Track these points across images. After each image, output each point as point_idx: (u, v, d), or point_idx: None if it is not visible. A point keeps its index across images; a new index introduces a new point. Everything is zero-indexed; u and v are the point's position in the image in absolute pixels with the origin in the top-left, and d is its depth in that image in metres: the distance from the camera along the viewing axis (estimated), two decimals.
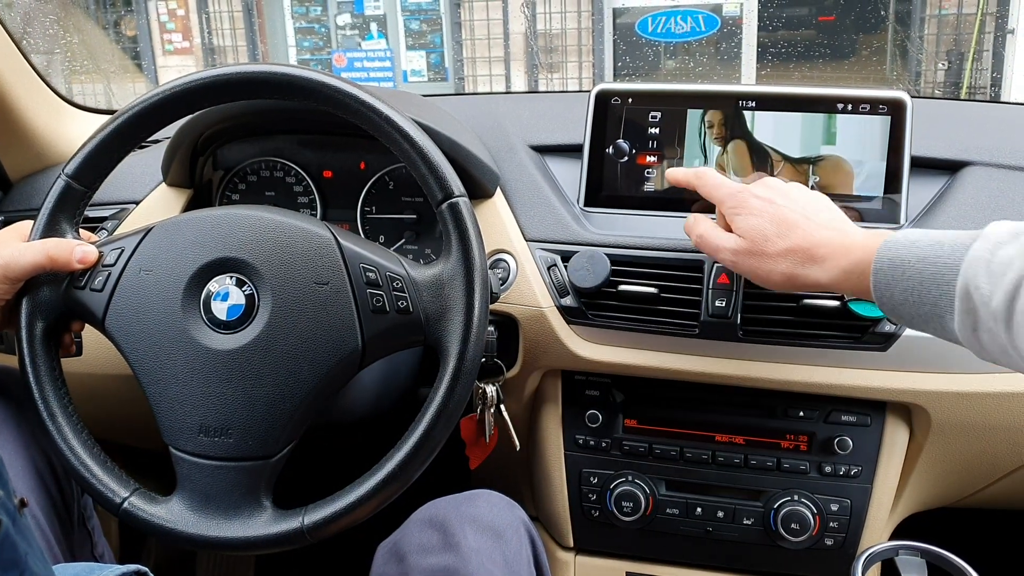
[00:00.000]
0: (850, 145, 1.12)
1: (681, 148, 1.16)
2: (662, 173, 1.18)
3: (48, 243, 0.90)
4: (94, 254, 0.91)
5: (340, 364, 0.88)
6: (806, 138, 1.13)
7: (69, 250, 0.90)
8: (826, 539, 1.15)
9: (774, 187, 0.95)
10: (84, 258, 0.91)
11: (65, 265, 0.90)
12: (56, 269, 0.91)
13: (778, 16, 6.57)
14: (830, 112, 1.12)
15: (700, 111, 1.15)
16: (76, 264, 0.90)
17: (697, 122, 1.16)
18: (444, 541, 0.95)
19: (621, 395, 1.18)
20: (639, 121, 1.17)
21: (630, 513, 1.18)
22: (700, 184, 1.01)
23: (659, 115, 1.17)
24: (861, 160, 1.11)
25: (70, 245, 0.91)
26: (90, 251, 0.91)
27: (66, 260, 0.90)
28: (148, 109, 0.93)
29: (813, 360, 1.08)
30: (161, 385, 0.89)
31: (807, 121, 1.13)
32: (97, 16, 7.56)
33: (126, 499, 0.89)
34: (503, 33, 7.15)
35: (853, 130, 1.11)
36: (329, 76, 0.91)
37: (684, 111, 1.16)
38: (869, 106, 1.11)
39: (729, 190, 0.97)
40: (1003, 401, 1.06)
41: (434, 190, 0.90)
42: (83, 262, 0.91)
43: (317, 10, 7.84)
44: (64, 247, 0.90)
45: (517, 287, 1.14)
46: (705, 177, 1.01)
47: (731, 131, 1.15)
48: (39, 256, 0.89)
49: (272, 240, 0.89)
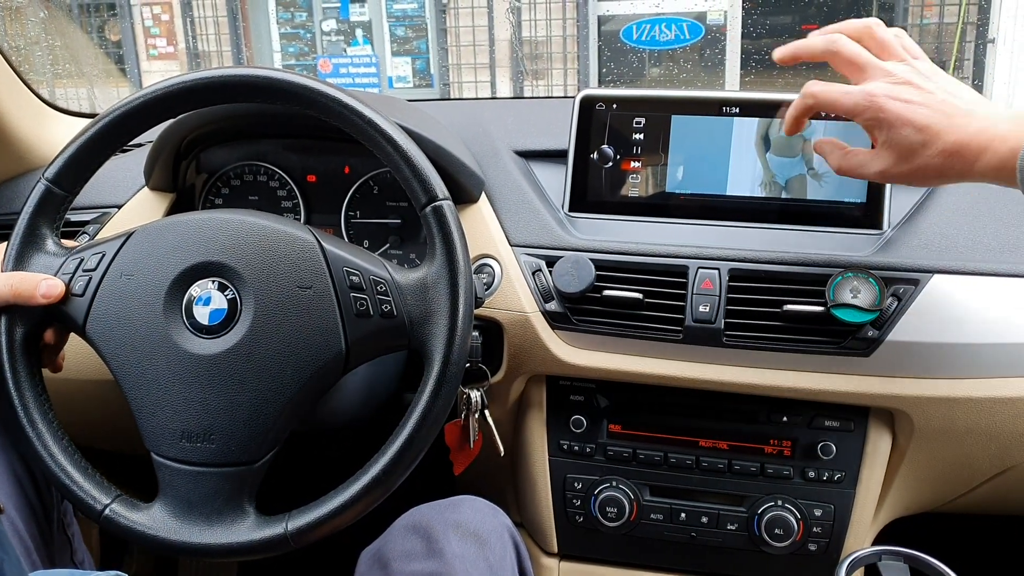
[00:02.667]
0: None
1: (665, 154, 1.17)
2: (647, 178, 1.18)
3: (13, 277, 0.89)
4: (58, 288, 0.90)
5: (323, 369, 0.88)
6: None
7: (34, 284, 0.89)
8: (809, 544, 1.15)
9: (908, 79, 0.87)
10: (48, 292, 0.89)
11: (29, 299, 0.89)
12: (20, 303, 0.90)
13: (762, 24, 6.61)
14: (814, 117, 1.12)
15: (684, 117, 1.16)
16: (40, 299, 0.89)
17: (682, 127, 1.16)
18: (428, 547, 0.94)
19: (605, 400, 1.18)
20: (623, 127, 1.18)
21: (614, 519, 1.18)
22: (836, 61, 0.91)
23: (643, 121, 1.17)
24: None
25: (35, 280, 0.89)
26: (55, 284, 0.90)
27: (30, 294, 0.89)
28: (130, 112, 0.92)
29: (796, 365, 1.09)
30: (142, 390, 0.88)
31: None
32: (81, 20, 7.53)
33: (107, 506, 0.88)
34: (488, 40, 7.16)
35: (836, 135, 1.12)
36: (312, 80, 0.90)
37: (668, 117, 1.16)
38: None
39: (856, 99, 0.88)
40: (985, 406, 1.06)
41: (418, 194, 0.89)
42: (47, 296, 0.89)
43: (302, 15, 7.83)
44: (28, 282, 0.89)
45: (502, 292, 1.14)
46: (840, 55, 0.91)
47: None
48: (3, 289, 0.88)
49: (254, 244, 0.89)
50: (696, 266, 1.10)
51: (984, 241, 1.09)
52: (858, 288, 1.02)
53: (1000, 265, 1.07)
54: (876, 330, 1.05)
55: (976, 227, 1.11)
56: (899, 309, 1.05)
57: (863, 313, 1.02)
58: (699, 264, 1.10)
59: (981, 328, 1.05)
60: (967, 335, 1.05)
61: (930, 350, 1.05)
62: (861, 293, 1.02)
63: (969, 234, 1.10)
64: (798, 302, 1.06)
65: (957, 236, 1.10)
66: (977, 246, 1.09)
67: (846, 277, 1.03)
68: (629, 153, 1.18)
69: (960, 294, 1.05)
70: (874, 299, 1.02)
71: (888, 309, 1.05)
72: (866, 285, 1.02)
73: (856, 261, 1.08)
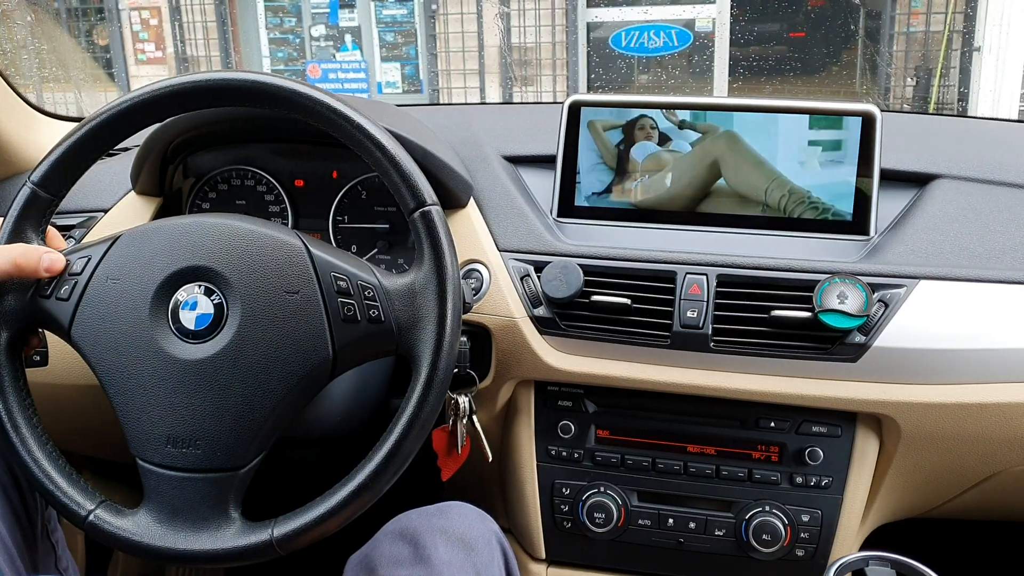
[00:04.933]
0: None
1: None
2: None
3: (15, 249, 0.89)
4: (61, 262, 0.90)
5: (311, 374, 0.87)
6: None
7: (37, 258, 0.89)
8: (797, 550, 1.15)
9: None
10: (51, 266, 0.89)
11: (32, 273, 0.89)
12: (23, 277, 0.89)
13: (750, 31, 6.63)
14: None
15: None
16: (43, 272, 0.89)
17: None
18: (415, 554, 0.94)
19: (593, 406, 1.18)
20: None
21: (602, 524, 1.17)
22: None
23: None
24: (832, 172, 1.13)
25: (37, 252, 0.89)
26: (57, 259, 0.90)
27: (33, 268, 0.88)
28: (117, 116, 0.91)
29: (784, 371, 1.09)
30: (128, 395, 0.88)
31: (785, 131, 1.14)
32: (69, 25, 7.50)
33: (91, 512, 0.88)
34: (478, 46, 7.16)
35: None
36: (300, 84, 0.90)
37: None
38: (839, 118, 1.13)
39: None
40: (972, 412, 1.07)
41: (406, 199, 0.89)
42: (50, 270, 0.89)
43: (291, 21, 7.81)
44: (31, 254, 0.89)
45: (490, 297, 1.14)
46: None
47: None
48: (5, 263, 0.88)
49: (241, 248, 0.88)
50: (684, 272, 1.10)
51: (971, 247, 1.10)
52: (845, 294, 1.03)
53: (987, 271, 1.07)
54: (863, 336, 1.05)
55: (963, 233, 1.11)
56: (886, 315, 1.05)
57: (850, 319, 1.02)
58: (687, 270, 1.10)
59: (968, 334, 1.05)
60: (954, 341, 1.05)
61: (917, 356, 1.05)
62: (848, 299, 1.02)
63: (956, 240, 1.10)
64: (785, 308, 1.06)
65: (944, 242, 1.10)
66: (963, 252, 1.09)
67: (833, 283, 1.03)
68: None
69: (947, 300, 1.06)
70: (861, 305, 1.02)
71: (875, 315, 1.05)
72: (853, 291, 1.03)
73: (843, 267, 1.08)
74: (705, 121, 1.16)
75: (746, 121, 1.15)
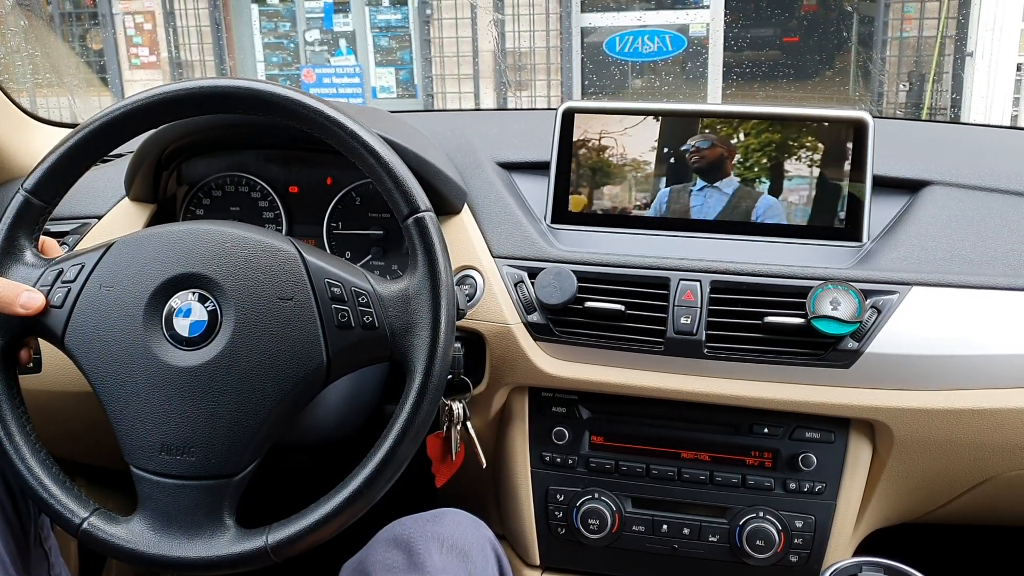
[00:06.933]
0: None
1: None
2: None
3: None
4: (38, 301, 0.89)
5: (305, 380, 0.87)
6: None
7: (15, 295, 0.88)
8: (791, 556, 1.15)
9: None
10: (27, 303, 0.88)
11: (7, 308, 0.88)
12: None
13: (743, 37, 6.65)
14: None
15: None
16: (19, 309, 0.88)
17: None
18: (409, 561, 0.94)
19: (587, 412, 1.18)
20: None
21: (596, 530, 1.17)
22: None
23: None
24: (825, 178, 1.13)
25: (16, 290, 0.89)
26: (35, 297, 0.89)
27: (9, 304, 0.88)
28: (111, 123, 0.91)
29: (777, 377, 1.09)
30: (122, 403, 0.88)
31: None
32: (63, 30, 7.49)
33: (85, 520, 0.88)
34: (472, 51, 7.16)
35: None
36: (294, 91, 0.90)
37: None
38: (832, 125, 1.13)
39: None
40: (965, 418, 1.07)
41: (400, 205, 0.89)
42: (25, 307, 0.88)
43: (286, 26, 7.81)
44: (9, 291, 0.88)
45: (484, 303, 1.14)
46: None
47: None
48: None
49: (235, 255, 0.88)
50: (678, 278, 1.10)
51: (963, 254, 1.10)
52: (838, 300, 1.03)
53: (979, 277, 1.08)
54: (856, 342, 1.05)
55: (955, 240, 1.11)
56: (879, 321, 1.05)
57: (843, 325, 1.03)
58: (680, 276, 1.10)
59: (961, 340, 1.06)
60: (946, 347, 1.05)
61: (910, 362, 1.05)
62: (841, 305, 1.03)
63: (948, 247, 1.11)
64: (779, 314, 1.06)
65: (936, 249, 1.10)
66: (956, 258, 1.10)
67: (826, 289, 1.04)
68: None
69: (939, 306, 1.06)
70: (854, 311, 1.03)
71: (868, 321, 1.05)
72: (846, 297, 1.03)
73: (836, 274, 1.08)
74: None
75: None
